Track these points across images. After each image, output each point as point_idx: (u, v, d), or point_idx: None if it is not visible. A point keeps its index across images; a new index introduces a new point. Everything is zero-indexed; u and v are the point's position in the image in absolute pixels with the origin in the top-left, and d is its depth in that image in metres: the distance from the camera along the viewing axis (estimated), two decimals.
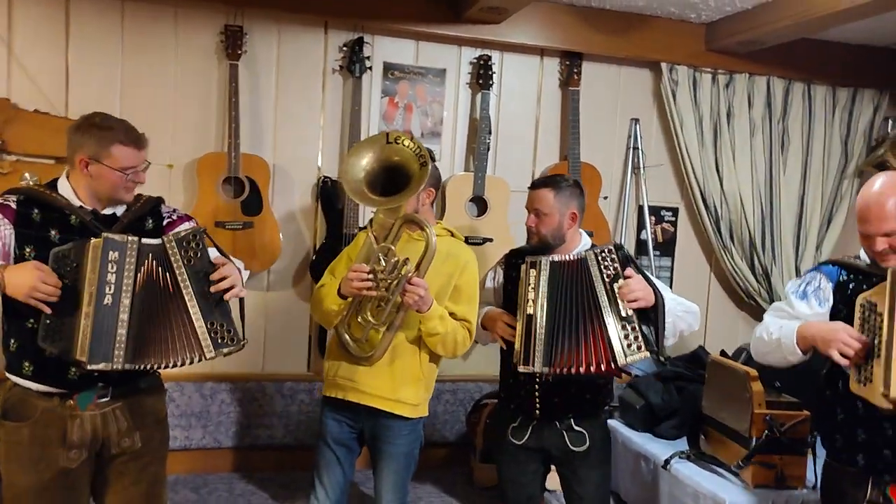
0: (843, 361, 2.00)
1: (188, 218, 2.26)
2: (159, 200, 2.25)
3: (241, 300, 2.11)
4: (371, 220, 2.45)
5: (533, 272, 2.37)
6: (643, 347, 2.26)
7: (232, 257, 2.16)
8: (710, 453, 3.05)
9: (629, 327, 2.27)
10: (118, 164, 2.04)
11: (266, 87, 3.57)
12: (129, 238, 1.97)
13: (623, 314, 2.27)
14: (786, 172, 4.06)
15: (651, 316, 2.30)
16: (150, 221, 2.18)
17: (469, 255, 2.55)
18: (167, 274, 1.99)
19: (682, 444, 3.21)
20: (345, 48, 3.60)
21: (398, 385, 2.47)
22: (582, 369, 2.28)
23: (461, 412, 3.79)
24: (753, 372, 2.87)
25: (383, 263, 2.34)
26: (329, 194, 3.59)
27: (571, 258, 2.39)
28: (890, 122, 4.00)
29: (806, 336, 2.15)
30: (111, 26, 3.35)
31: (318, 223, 3.65)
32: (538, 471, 2.61)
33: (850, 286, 2.16)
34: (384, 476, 2.55)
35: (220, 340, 2.00)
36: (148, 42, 3.40)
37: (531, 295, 2.36)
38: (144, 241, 2.00)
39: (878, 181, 2.08)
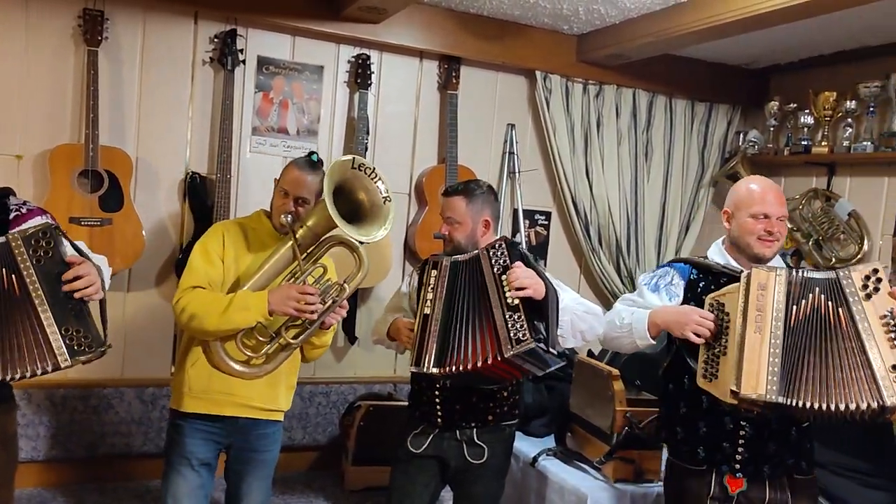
0: (699, 340, 2.10)
1: (41, 212, 2.05)
2: (6, 191, 2.04)
3: (102, 302, 1.94)
4: (291, 223, 2.28)
5: (434, 272, 2.35)
6: (528, 337, 2.11)
7: (93, 254, 2.00)
8: (575, 450, 3.16)
9: (515, 316, 2.16)
10: None
11: (129, 77, 3.37)
12: None
13: (510, 303, 2.17)
14: (649, 180, 4.28)
15: (541, 308, 2.20)
16: None
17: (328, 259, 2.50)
18: (13, 276, 1.81)
19: (551, 442, 3.31)
20: (216, 40, 3.46)
21: (276, 393, 2.43)
22: (470, 365, 2.16)
23: (334, 415, 3.73)
24: (616, 371, 3.00)
25: (310, 282, 2.32)
26: (198, 190, 3.44)
27: (468, 257, 2.34)
28: (741, 135, 4.29)
29: (657, 322, 2.25)
30: None
31: (185, 220, 3.49)
32: (428, 485, 2.52)
33: (701, 284, 2.28)
34: (254, 485, 2.47)
35: (76, 347, 1.83)
36: None
37: (429, 295, 2.33)
38: None
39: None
